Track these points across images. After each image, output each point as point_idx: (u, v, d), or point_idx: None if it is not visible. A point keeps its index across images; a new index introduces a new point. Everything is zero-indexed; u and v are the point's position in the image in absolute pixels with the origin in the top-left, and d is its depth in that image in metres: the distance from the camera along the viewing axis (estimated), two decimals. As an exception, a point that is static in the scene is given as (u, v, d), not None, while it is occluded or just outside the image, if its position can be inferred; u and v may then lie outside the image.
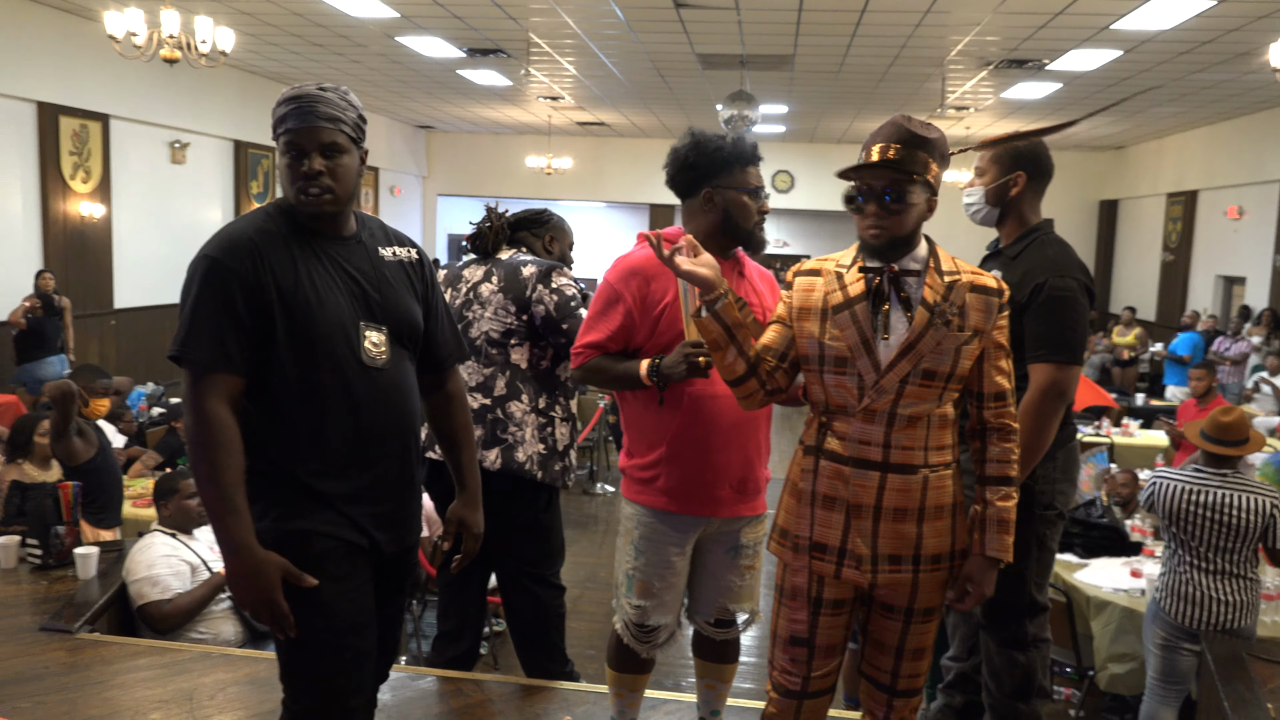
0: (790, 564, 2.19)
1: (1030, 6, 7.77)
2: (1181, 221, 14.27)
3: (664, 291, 2.48)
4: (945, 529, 2.13)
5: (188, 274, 1.96)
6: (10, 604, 3.61)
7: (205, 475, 1.90)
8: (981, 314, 2.10)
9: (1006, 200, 2.79)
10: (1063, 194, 16.99)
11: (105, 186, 10.05)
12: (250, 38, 10.02)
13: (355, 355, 2.02)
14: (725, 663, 2.77)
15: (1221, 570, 3.52)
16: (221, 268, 1.93)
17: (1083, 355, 2.66)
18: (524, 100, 14.15)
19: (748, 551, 2.64)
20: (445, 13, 8.73)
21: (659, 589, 2.56)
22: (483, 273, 3.21)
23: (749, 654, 5.12)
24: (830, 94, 12.47)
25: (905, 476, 2.08)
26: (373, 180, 16.84)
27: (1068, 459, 2.78)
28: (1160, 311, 14.87)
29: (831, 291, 2.12)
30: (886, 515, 2.09)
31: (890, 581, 2.11)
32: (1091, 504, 4.82)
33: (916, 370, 2.05)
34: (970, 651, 3.07)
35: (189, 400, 1.92)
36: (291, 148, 2.00)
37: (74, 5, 8.98)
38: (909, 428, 2.08)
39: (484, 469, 3.02)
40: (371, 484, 2.07)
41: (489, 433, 3.07)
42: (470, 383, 3.10)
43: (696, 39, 9.45)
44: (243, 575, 1.90)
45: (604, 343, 2.51)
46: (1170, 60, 9.55)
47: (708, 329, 2.13)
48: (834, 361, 2.10)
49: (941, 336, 2.06)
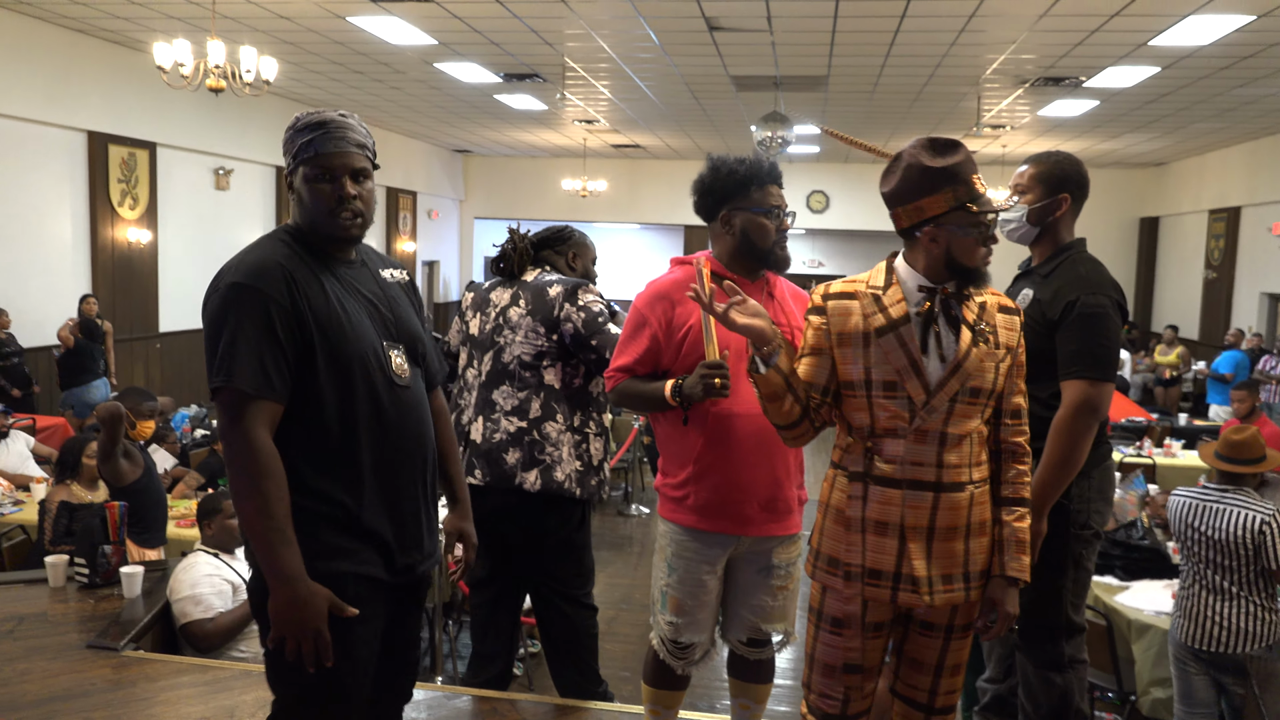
0: (841, 591, 2.17)
1: (1067, 24, 7.74)
2: (1224, 238, 14.07)
3: (688, 315, 2.52)
4: (988, 545, 2.15)
5: (217, 303, 1.93)
6: (58, 622, 3.69)
7: (257, 508, 1.87)
8: (1009, 332, 2.16)
9: (1047, 221, 2.79)
10: (1102, 212, 16.83)
11: (151, 212, 10.29)
12: (293, 66, 10.23)
13: (386, 375, 2.04)
14: (760, 683, 2.77)
15: (1222, 590, 3.46)
16: (258, 294, 1.91)
17: (1115, 372, 2.65)
18: (559, 124, 14.29)
19: (780, 572, 2.65)
20: (482, 39, 8.87)
21: (691, 606, 2.58)
22: (509, 296, 3.24)
23: (784, 676, 5.09)
24: (865, 114, 12.47)
25: (955, 495, 2.09)
26: (411, 204, 17.06)
27: (1103, 478, 2.76)
28: (1203, 330, 14.65)
29: (871, 315, 2.10)
30: (939, 535, 2.09)
31: (946, 601, 2.11)
32: (1133, 526, 4.75)
33: (964, 389, 2.07)
34: (1007, 673, 3.05)
35: (234, 430, 1.88)
36: (325, 172, 2.01)
37: (124, 38, 9.23)
38: (957, 446, 2.09)
39: (523, 490, 3.06)
40: (397, 504, 2.07)
41: (527, 455, 3.09)
42: (505, 406, 3.13)
43: (730, 61, 9.51)
44: (295, 605, 1.87)
45: (632, 365, 2.56)
46: (1210, 76, 9.45)
47: (768, 382, 2.11)
48: (882, 386, 2.09)
49: (984, 354, 2.08)
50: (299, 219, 2.07)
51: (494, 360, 3.17)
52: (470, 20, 8.18)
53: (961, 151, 2.07)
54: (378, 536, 2.03)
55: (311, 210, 2.04)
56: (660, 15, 7.88)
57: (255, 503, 1.86)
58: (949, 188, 2.04)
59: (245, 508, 1.88)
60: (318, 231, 2.05)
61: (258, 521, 1.87)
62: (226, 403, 1.89)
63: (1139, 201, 17.40)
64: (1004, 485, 2.18)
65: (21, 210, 8.72)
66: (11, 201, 8.62)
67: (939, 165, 2.04)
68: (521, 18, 8.02)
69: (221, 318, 1.92)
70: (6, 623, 3.65)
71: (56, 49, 8.86)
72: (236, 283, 1.92)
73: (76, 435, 6.03)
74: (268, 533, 1.87)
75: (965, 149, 2.08)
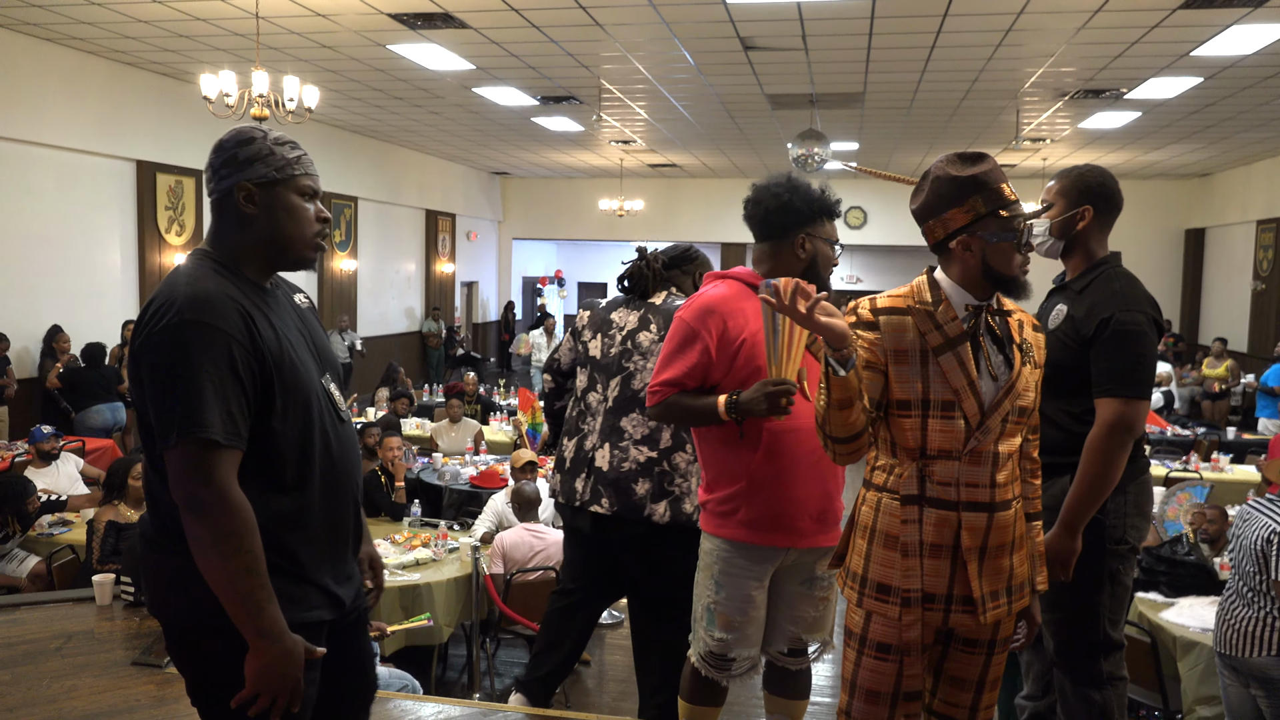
0: (898, 619, 2.08)
1: (1106, 36, 7.68)
2: (1273, 249, 13.81)
3: (740, 329, 2.51)
4: (1027, 556, 2.17)
5: (168, 343, 1.72)
6: (104, 639, 3.77)
7: (246, 567, 1.70)
8: (1041, 351, 2.19)
9: (1073, 233, 2.77)
10: (1146, 224, 16.60)
11: (198, 239, 10.51)
12: (334, 94, 10.43)
13: (334, 411, 1.94)
14: (797, 699, 2.76)
15: (1244, 596, 3.41)
16: (216, 331, 1.73)
17: (1150, 390, 2.62)
18: (596, 144, 14.40)
19: (823, 583, 2.65)
20: (519, 63, 8.98)
21: (740, 622, 2.57)
22: (637, 319, 3.15)
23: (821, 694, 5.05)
24: (901, 130, 12.43)
25: (1005, 513, 2.08)
26: (450, 226, 17.25)
27: (1139, 493, 2.73)
28: (1252, 342, 14.36)
29: (929, 332, 2.05)
30: (990, 554, 2.08)
31: (995, 617, 2.10)
32: (1178, 541, 4.67)
33: (1014, 408, 2.06)
34: (1045, 690, 3.00)
35: (209, 486, 1.69)
36: (312, 193, 1.92)
37: (171, 69, 9.48)
38: (1006, 465, 2.08)
39: (652, 522, 3.02)
40: (340, 540, 1.97)
41: (656, 486, 3.02)
42: (635, 435, 3.06)
43: (766, 80, 9.54)
44: (281, 660, 1.75)
45: (682, 379, 2.51)
46: (1254, 85, 9.31)
47: (847, 385, 1.96)
48: (940, 405, 2.03)
49: (1030, 373, 2.10)
50: (249, 240, 1.88)
51: (622, 386, 3.11)
52: (508, 45, 8.29)
53: (988, 161, 2.06)
54: (324, 579, 1.91)
55: (292, 230, 1.89)
56: (695, 36, 7.93)
57: (242, 561, 1.70)
58: (977, 195, 2.03)
59: (230, 567, 1.70)
60: (287, 255, 1.91)
61: (244, 581, 1.70)
62: (193, 456, 1.69)
63: (1184, 213, 17.13)
64: (1024, 501, 2.20)
65: (73, 237, 8.96)
66: (64, 229, 8.86)
67: (965, 174, 2.04)
68: (558, 42, 8.12)
69: (176, 359, 1.71)
70: (55, 640, 3.73)
71: (107, 82, 9.12)
72: (189, 320, 1.72)
73: (124, 456, 6.16)
74: (256, 591, 1.71)
75: (992, 159, 2.07)
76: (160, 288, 1.81)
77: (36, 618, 3.97)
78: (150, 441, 1.81)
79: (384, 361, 13.49)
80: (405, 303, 16.07)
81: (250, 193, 1.86)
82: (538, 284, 22.64)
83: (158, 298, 1.78)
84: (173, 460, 1.72)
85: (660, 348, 3.02)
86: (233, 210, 1.88)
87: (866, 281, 23.02)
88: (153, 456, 1.82)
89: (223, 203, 1.88)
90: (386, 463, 6.19)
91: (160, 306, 1.75)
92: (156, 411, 1.73)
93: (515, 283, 20.93)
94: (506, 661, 5.56)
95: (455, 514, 6.57)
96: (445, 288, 17.26)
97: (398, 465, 6.19)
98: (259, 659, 1.75)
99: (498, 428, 9.25)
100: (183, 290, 1.76)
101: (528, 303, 21.90)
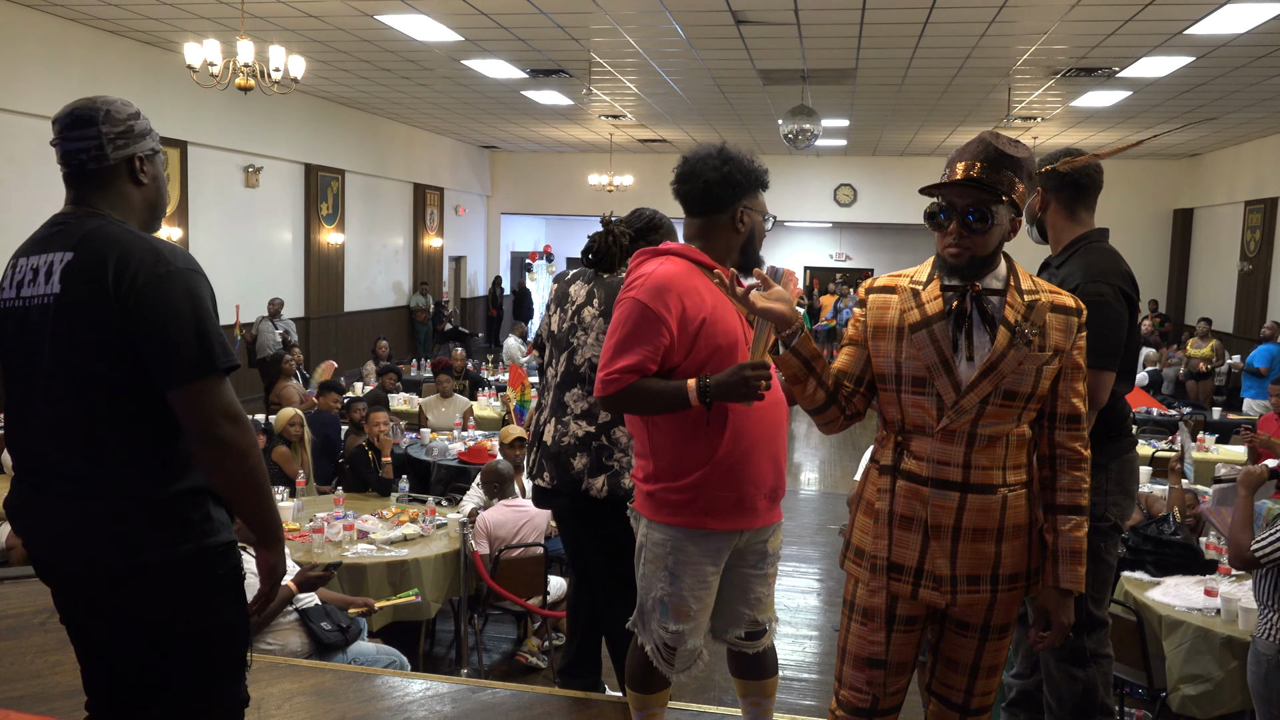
0: (868, 584, 2.15)
1: (1099, 14, 7.64)
2: (1261, 230, 13.84)
3: (698, 309, 2.37)
4: (1023, 548, 2.10)
5: (190, 286, 1.89)
6: (91, 613, 3.75)
7: (265, 473, 1.98)
8: (1062, 333, 2.08)
9: (1039, 218, 2.84)
10: (1135, 204, 16.63)
11: (183, 210, 10.41)
12: (321, 64, 10.30)
13: None
14: (768, 677, 2.71)
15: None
16: (206, 280, 1.94)
17: (1115, 361, 2.61)
18: (586, 119, 14.30)
19: (772, 559, 2.59)
20: (509, 35, 8.89)
21: (696, 611, 2.48)
22: (585, 293, 3.11)
23: (810, 670, 5.08)
24: (893, 107, 12.38)
25: (985, 497, 2.06)
26: (438, 200, 17.14)
27: (1123, 471, 2.73)
28: (1238, 323, 14.43)
29: (908, 310, 2.09)
30: (966, 535, 2.06)
31: (969, 602, 2.09)
32: (1164, 520, 4.69)
33: (998, 391, 2.03)
34: (1034, 668, 3.01)
35: (237, 409, 1.90)
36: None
37: (154, 38, 9.34)
38: (989, 447, 2.06)
39: (590, 497, 3.01)
40: None
41: (594, 460, 3.01)
42: (576, 410, 3.04)
43: (757, 55, 9.47)
44: (283, 558, 2.06)
45: (643, 364, 2.33)
46: (1246, 65, 9.29)
47: (788, 364, 2.12)
48: (911, 381, 2.07)
49: (1023, 356, 2.03)
50: (145, 208, 2.06)
51: (568, 361, 3.08)
52: (497, 16, 8.20)
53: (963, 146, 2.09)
54: None
55: (165, 198, 2.13)
56: (687, 9, 7.86)
57: (263, 469, 1.97)
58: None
59: (260, 472, 1.96)
60: (159, 219, 2.12)
61: (266, 486, 1.99)
62: (219, 385, 1.89)
63: (1173, 193, 17.16)
64: (1059, 493, 2.12)
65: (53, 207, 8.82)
66: (45, 200, 8.72)
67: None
68: (548, 13, 8.03)
69: (197, 301, 1.89)
70: (38, 615, 3.70)
71: (89, 50, 8.98)
72: (194, 270, 1.92)
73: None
74: (271, 496, 2.00)
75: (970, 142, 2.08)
76: (115, 239, 1.90)
77: (19, 592, 3.94)
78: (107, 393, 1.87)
79: (372, 335, 13.43)
80: (393, 277, 15.98)
81: (142, 161, 2.04)
82: (527, 259, 22.54)
83: (153, 248, 1.90)
84: (195, 393, 1.86)
85: (599, 322, 2.99)
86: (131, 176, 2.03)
87: (856, 259, 23.00)
88: (110, 404, 1.88)
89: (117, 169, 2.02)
90: (373, 438, 6.16)
91: (157, 256, 1.88)
92: (170, 352, 1.84)
93: (504, 258, 20.84)
94: (494, 637, 5.56)
95: (443, 489, 6.56)
96: (433, 262, 17.17)
97: (384, 440, 6.16)
98: (276, 555, 2.02)
99: (486, 403, 9.22)
100: (167, 245, 1.93)
101: (516, 278, 21.81)
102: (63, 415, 1.90)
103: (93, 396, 1.87)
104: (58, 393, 1.89)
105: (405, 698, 3.26)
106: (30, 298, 1.92)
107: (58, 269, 1.90)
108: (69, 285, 1.87)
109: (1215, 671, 3.79)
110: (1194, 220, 17.00)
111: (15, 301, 1.94)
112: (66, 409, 1.89)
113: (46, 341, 1.89)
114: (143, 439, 1.90)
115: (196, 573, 1.94)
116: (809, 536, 7.83)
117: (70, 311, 1.87)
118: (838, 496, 9.04)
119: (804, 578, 6.78)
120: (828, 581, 6.66)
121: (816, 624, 5.87)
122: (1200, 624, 3.91)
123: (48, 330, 1.89)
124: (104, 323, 1.84)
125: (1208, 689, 3.82)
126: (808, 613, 6.08)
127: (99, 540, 1.89)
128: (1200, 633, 3.88)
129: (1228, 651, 3.79)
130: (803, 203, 18.51)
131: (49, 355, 1.89)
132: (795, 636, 5.61)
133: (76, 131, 1.98)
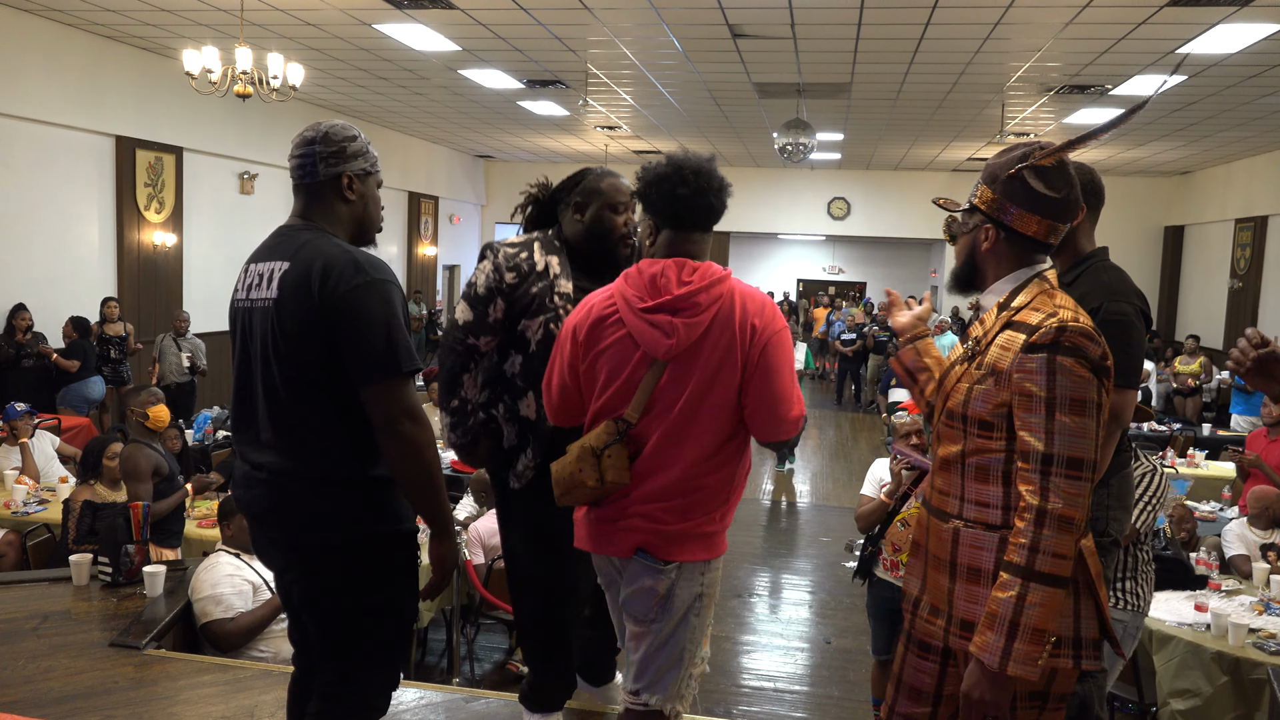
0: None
1: (1092, 32, 7.70)
2: (1251, 248, 13.94)
3: None
4: (980, 595, 1.88)
5: (381, 297, 2.09)
6: (82, 620, 3.73)
7: (439, 468, 2.15)
8: (1002, 351, 1.90)
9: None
10: (1126, 220, 16.71)
11: (177, 216, 10.40)
12: (319, 72, 10.32)
13: None
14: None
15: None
16: (401, 291, 2.16)
17: (1138, 380, 2.63)
18: (581, 130, 14.33)
19: None
20: (506, 46, 8.92)
21: None
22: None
23: (801, 682, 5.07)
24: (887, 121, 12.44)
25: (938, 522, 2.02)
26: (432, 209, 17.14)
27: (1122, 486, 2.74)
28: (1228, 339, 14.50)
29: None
30: (931, 561, 2.04)
31: (926, 631, 2.03)
32: (1155, 535, 4.71)
33: (945, 409, 2.02)
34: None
35: (417, 408, 2.10)
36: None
37: (153, 44, 9.34)
38: (944, 471, 2.02)
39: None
40: None
41: None
42: None
43: (753, 68, 9.52)
44: (455, 548, 2.22)
45: None
46: (1238, 84, 9.37)
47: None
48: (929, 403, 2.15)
49: (961, 373, 1.99)
50: (353, 223, 2.29)
51: None
52: (494, 27, 8.23)
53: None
54: None
55: (375, 215, 2.34)
56: (684, 22, 7.90)
57: (439, 464, 2.16)
58: None
59: (436, 466, 2.14)
60: (369, 234, 2.33)
61: (440, 479, 2.16)
62: (405, 385, 2.10)
63: (1164, 210, 17.27)
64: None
65: (50, 214, 8.84)
66: (40, 205, 8.73)
67: None
68: (545, 25, 8.06)
69: (389, 309, 2.10)
70: (31, 620, 3.69)
71: (87, 55, 8.98)
72: (389, 281, 2.13)
73: (99, 435, 6.10)
74: (444, 489, 2.18)
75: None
76: (322, 251, 2.12)
77: (12, 597, 3.93)
78: (314, 388, 2.11)
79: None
80: (386, 285, 15.94)
81: (355, 181, 2.27)
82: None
83: (350, 258, 2.11)
84: (382, 392, 2.08)
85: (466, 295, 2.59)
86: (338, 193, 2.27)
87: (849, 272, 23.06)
88: (316, 397, 2.12)
89: (327, 186, 2.25)
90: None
91: (357, 266, 2.10)
92: (362, 354, 2.07)
93: (497, 267, 20.83)
94: (486, 647, 5.55)
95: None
96: (427, 271, 17.16)
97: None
98: (447, 546, 2.19)
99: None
100: (365, 257, 2.15)
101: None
102: (280, 405, 2.14)
103: (304, 390, 2.12)
104: (275, 384, 2.14)
105: (398, 706, 3.25)
106: (256, 300, 2.19)
107: (276, 276, 2.15)
108: (284, 291, 2.12)
109: (1205, 686, 3.81)
110: (1185, 237, 17.10)
111: (245, 303, 2.23)
112: (283, 400, 2.14)
113: (268, 339, 2.14)
114: (349, 428, 2.14)
115: (389, 553, 2.21)
116: (801, 549, 7.84)
117: (284, 315, 2.11)
118: (829, 509, 9.05)
119: (796, 590, 6.78)
120: (819, 594, 6.66)
121: (808, 636, 5.87)
122: (1190, 639, 3.92)
123: (269, 330, 2.14)
124: (310, 326, 2.09)
125: (1197, 704, 3.83)
126: (799, 625, 6.08)
127: (315, 516, 2.15)
128: (1191, 648, 3.90)
129: (1218, 666, 3.81)
130: (796, 215, 18.57)
131: (270, 351, 2.14)
132: (787, 649, 5.61)
133: (301, 149, 2.27)
